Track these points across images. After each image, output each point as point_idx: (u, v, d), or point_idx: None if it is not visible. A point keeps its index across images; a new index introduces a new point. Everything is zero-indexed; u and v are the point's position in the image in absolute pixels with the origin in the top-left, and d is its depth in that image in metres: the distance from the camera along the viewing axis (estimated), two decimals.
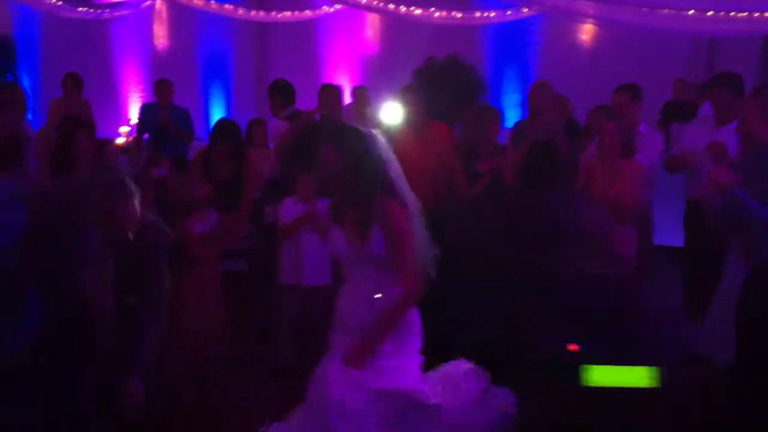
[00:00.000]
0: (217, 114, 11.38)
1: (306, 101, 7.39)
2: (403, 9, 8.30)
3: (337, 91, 6.67)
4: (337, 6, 9.80)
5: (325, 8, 9.89)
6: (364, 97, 8.24)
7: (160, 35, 11.74)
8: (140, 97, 11.87)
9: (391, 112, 5.97)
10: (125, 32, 11.66)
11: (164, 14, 11.66)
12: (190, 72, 11.46)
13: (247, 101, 11.44)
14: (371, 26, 10.92)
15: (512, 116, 10.39)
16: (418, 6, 8.43)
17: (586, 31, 10.13)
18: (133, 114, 11.41)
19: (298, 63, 10.75)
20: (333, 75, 10.93)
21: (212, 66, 11.51)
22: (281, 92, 6.80)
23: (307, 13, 9.90)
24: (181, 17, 11.57)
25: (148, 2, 11.17)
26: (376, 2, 8.19)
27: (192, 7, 10.43)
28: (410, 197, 3.36)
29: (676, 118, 8.18)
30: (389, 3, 8.25)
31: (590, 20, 9.29)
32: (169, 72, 9.91)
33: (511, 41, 10.40)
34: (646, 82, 6.68)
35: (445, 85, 9.55)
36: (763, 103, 3.97)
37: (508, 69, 10.53)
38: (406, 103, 5.89)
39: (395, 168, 3.35)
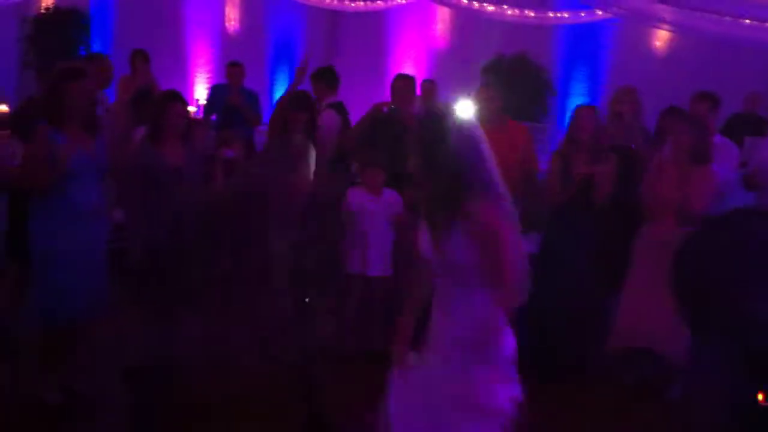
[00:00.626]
0: None
1: (373, 91, 7.37)
2: (476, 5, 8.23)
3: (411, 82, 6.55)
4: None
5: None
6: (432, 91, 8.20)
7: (232, 17, 11.86)
8: (207, 78, 12.00)
9: (466, 108, 5.89)
10: (197, 12, 11.79)
11: None
12: (259, 56, 11.54)
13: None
14: (441, 20, 10.88)
15: None
16: (491, 2, 8.36)
17: (660, 38, 9.95)
18: (200, 94, 11.54)
19: (367, 52, 10.77)
20: (401, 66, 10.91)
21: (281, 51, 11.58)
22: (326, 79, 6.76)
23: (379, 3, 9.87)
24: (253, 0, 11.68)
25: None
26: None
27: None
28: (507, 196, 2.98)
29: (743, 131, 7.97)
30: None
31: (667, 26, 9.11)
32: (237, 54, 9.98)
33: (583, 43, 10.26)
34: (721, 93, 6.54)
35: (513, 83, 9.48)
36: None
37: (577, 71, 10.40)
38: (484, 99, 5.78)
39: (489, 161, 2.96)
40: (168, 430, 4.26)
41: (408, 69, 10.80)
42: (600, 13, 8.82)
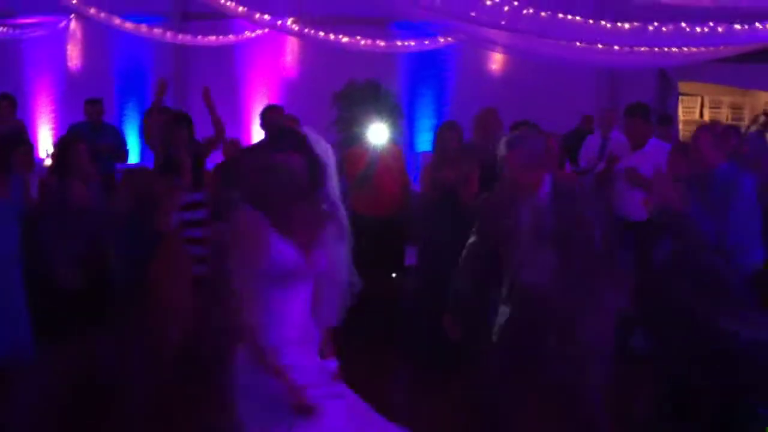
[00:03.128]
0: (131, 136, 11.36)
1: (226, 123, 7.49)
2: (332, 36, 8.63)
3: (280, 111, 6.98)
4: (259, 31, 10.02)
5: (248, 33, 10.09)
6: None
7: (74, 56, 11.65)
8: (51, 118, 11.73)
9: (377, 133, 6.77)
10: (39, 53, 11.52)
11: (79, 34, 11.59)
12: (105, 93, 11.35)
13: None
14: (291, 51, 11.19)
15: (425, 140, 10.89)
16: (344, 34, 8.79)
17: (497, 61, 10.73)
18: (44, 137, 11.33)
19: (219, 85, 10.87)
20: (254, 99, 11.14)
21: (128, 87, 11.50)
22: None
23: (231, 37, 10.07)
24: (96, 37, 11.50)
25: (64, 23, 11.11)
26: (306, 30, 8.48)
27: (108, 27, 10.33)
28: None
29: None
30: (319, 30, 8.56)
31: (500, 49, 9.84)
32: (82, 93, 9.88)
33: (426, 69, 10.90)
34: (555, 110, 7.29)
35: (366, 108, 9.96)
36: (713, 136, 4.61)
37: (422, 95, 11.02)
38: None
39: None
40: None
41: (262, 101, 11.05)
42: (442, 40, 9.43)
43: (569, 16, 6.16)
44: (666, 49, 8.36)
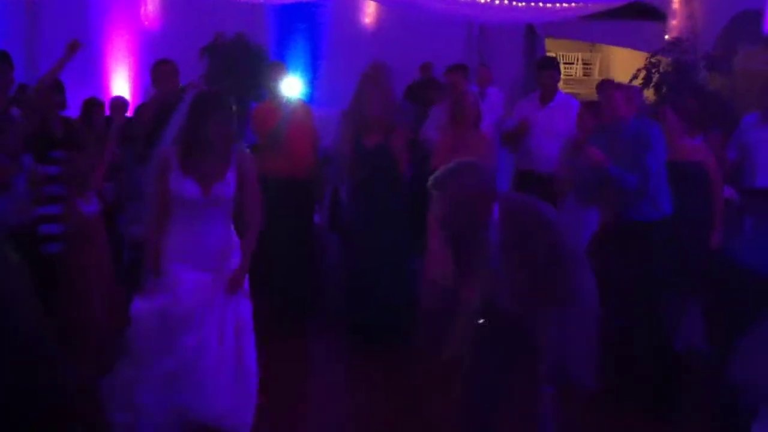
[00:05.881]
0: None
1: (82, 79, 7.03)
2: None
3: (174, 66, 6.56)
4: None
5: None
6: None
7: None
8: None
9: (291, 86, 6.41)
10: None
11: None
12: None
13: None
14: (151, 2, 10.61)
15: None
16: None
17: (369, 14, 10.63)
18: None
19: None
20: (112, 52, 10.51)
21: None
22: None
23: None
24: None
25: None
26: None
27: None
28: None
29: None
30: None
31: None
32: None
33: (297, 22, 10.65)
34: (418, 61, 7.26)
35: (234, 62, 9.62)
36: (626, 94, 4.77)
37: (293, 49, 10.76)
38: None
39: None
40: None
41: (121, 54, 10.46)
42: None
43: None
44: (541, 5, 8.58)
